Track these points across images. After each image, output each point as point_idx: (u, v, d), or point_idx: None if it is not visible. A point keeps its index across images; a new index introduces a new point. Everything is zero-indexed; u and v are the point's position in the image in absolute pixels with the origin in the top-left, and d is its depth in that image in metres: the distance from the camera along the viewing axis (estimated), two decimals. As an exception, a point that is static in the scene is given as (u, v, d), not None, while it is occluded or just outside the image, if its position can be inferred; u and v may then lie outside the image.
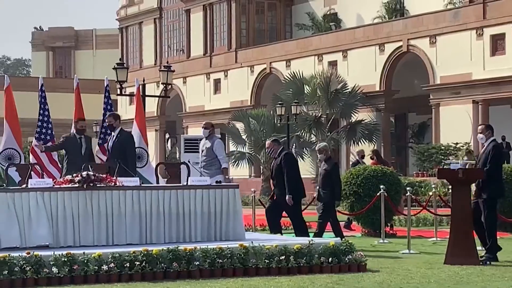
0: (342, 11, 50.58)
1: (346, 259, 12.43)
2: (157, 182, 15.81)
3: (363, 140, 41.24)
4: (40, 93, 18.28)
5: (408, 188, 16.96)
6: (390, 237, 18.72)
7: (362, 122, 41.83)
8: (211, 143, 16.65)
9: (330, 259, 12.33)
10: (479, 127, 14.30)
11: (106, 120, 16.43)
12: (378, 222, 18.42)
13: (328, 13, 51.21)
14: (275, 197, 15.78)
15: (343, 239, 13.85)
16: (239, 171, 44.44)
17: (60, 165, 17.66)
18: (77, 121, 16.65)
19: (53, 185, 12.82)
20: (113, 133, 16.04)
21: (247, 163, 44.67)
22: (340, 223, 17.27)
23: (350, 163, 24.59)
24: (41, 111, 18.11)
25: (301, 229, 15.43)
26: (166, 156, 58.74)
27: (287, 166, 15.48)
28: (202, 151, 16.70)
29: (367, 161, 23.62)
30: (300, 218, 15.62)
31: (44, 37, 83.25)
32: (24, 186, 13.05)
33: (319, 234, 16.02)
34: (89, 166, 14.31)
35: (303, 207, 20.24)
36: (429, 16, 41.05)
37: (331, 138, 42.35)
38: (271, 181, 16.86)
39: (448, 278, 11.70)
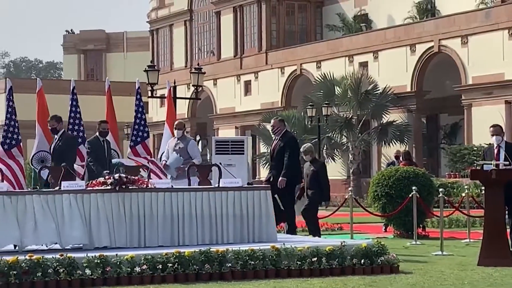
0: (373, 11, 50.44)
1: (379, 260, 12.38)
2: (189, 184, 15.81)
3: (395, 141, 41.10)
4: (71, 96, 18.36)
5: (440, 190, 16.86)
6: (423, 238, 18.62)
7: (394, 123, 41.69)
8: (185, 144, 16.31)
9: (362, 261, 12.29)
10: (495, 128, 14.23)
11: (49, 124, 15.90)
12: (410, 223, 18.32)
13: (359, 14, 51.09)
14: (271, 179, 15.51)
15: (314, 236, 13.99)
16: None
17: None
18: (100, 124, 16.60)
19: (86, 187, 12.90)
20: (56, 136, 15.61)
21: (278, 165, 44.54)
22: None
23: (386, 163, 24.29)
24: (73, 114, 18.18)
25: (291, 220, 15.36)
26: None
27: (290, 150, 15.35)
28: (174, 151, 16.25)
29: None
30: (292, 209, 15.51)
31: (76, 40, 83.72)
32: (57, 188, 13.12)
33: (316, 232, 16.06)
34: (120, 168, 14.38)
35: (334, 208, 20.26)
36: (460, 16, 40.81)
37: (362, 139, 42.25)
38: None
39: (482, 280, 11.62)
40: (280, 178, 15.09)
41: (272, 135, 16.49)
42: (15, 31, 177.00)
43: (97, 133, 16.21)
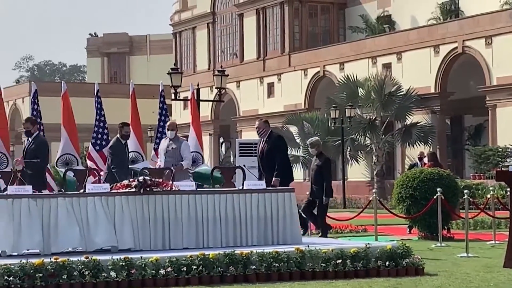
0: (396, 13, 50.30)
1: (404, 262, 12.35)
2: (213, 186, 15.84)
3: (418, 142, 40.96)
4: (96, 99, 18.46)
5: (465, 191, 16.77)
6: (448, 240, 18.53)
7: (417, 124, 41.54)
8: (178, 145, 16.17)
9: (387, 263, 12.26)
10: None
11: (23, 126, 15.51)
12: (435, 225, 18.24)
13: (382, 15, 50.96)
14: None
15: (306, 233, 13.93)
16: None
17: None
18: (122, 126, 16.49)
19: (110, 190, 12.94)
20: (29, 139, 15.22)
21: (301, 167, 44.60)
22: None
23: (408, 164, 24.15)
24: (97, 117, 18.28)
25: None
26: (220, 160, 58.91)
27: (279, 149, 15.28)
28: (167, 152, 16.11)
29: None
30: None
31: (99, 43, 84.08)
32: (81, 191, 13.18)
33: (324, 232, 16.02)
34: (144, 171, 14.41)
35: (358, 210, 20.20)
36: (484, 17, 40.61)
37: (385, 141, 42.12)
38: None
39: (508, 281, 11.55)
40: (274, 179, 14.97)
41: (258, 137, 16.30)
42: (39, 35, 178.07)
43: (119, 136, 16.11)
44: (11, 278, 10.82)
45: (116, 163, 15.77)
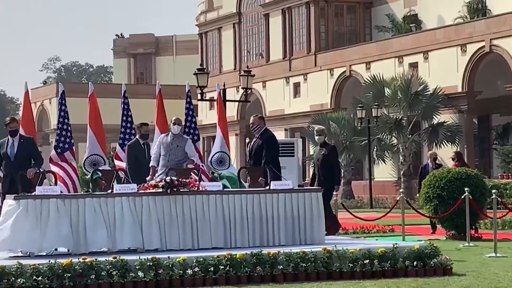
0: (422, 12, 50.09)
1: (432, 262, 12.29)
2: (240, 187, 15.83)
3: (446, 142, 40.77)
4: (123, 100, 18.50)
5: (493, 191, 16.67)
6: (475, 240, 18.42)
7: (444, 124, 41.35)
8: (183, 143, 15.33)
9: (415, 263, 12.21)
10: None
11: (11, 126, 14.53)
12: (462, 225, 18.14)
13: (408, 14, 50.76)
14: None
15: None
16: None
17: None
18: (141, 126, 16.46)
19: (138, 190, 12.99)
20: (12, 139, 14.42)
21: (327, 167, 44.48)
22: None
23: (420, 167, 23.63)
24: (124, 117, 18.32)
25: None
26: (247, 160, 58.95)
27: (270, 147, 15.04)
28: (171, 150, 15.18)
29: (449, 162, 23.24)
30: None
31: (125, 44, 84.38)
32: (109, 191, 13.24)
33: (336, 226, 15.91)
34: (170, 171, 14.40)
35: (385, 210, 20.13)
36: (512, 15, 40.36)
37: (412, 140, 41.96)
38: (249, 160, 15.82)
39: (537, 282, 11.46)
40: (260, 179, 14.76)
41: (253, 133, 15.85)
42: (66, 36, 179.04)
43: (138, 136, 16.11)
44: (39, 278, 10.89)
45: (130, 162, 15.74)
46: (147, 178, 14.61)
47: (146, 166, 15.39)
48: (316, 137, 16.64)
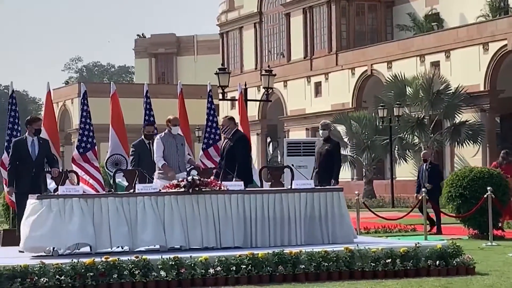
0: (444, 10, 49.88)
1: (454, 262, 12.26)
2: (261, 186, 15.82)
3: (468, 141, 40.60)
4: (145, 100, 18.55)
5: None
6: (498, 239, 18.33)
7: (467, 123, 41.16)
8: (184, 142, 14.93)
9: (437, 262, 12.17)
10: None
11: (38, 124, 14.49)
12: (485, 224, 18.08)
13: (430, 13, 50.57)
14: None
15: None
16: (341, 174, 44.22)
17: None
18: (146, 126, 16.35)
19: (160, 190, 13.03)
20: (32, 139, 14.39)
21: (349, 166, 44.49)
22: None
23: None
24: (146, 117, 18.36)
25: None
26: (268, 159, 58.95)
27: (243, 150, 14.87)
28: (177, 149, 14.66)
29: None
30: None
31: (147, 44, 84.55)
32: (131, 191, 13.28)
33: None
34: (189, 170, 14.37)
35: (407, 210, 20.06)
36: (534, 14, 40.12)
37: (434, 139, 41.81)
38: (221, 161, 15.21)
39: (561, 281, 11.39)
40: (234, 180, 14.53)
41: (222, 135, 15.50)
42: (88, 36, 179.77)
43: (142, 136, 15.98)
44: (62, 278, 10.95)
45: (134, 162, 15.61)
46: (157, 175, 14.39)
47: (151, 166, 14.95)
48: (321, 131, 16.52)
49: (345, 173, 45.01)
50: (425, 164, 21.76)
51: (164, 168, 14.27)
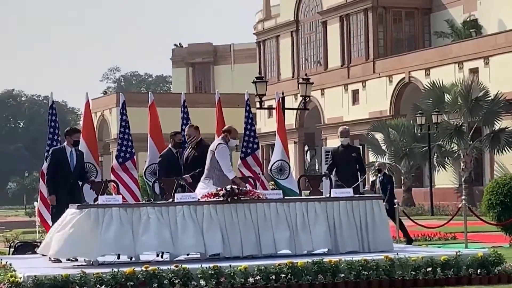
0: (482, 17, 49.51)
1: (496, 270, 12.14)
2: (300, 194, 15.80)
3: (507, 148, 40.24)
4: (182, 109, 18.58)
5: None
6: (540, 247, 18.12)
7: (506, 129, 40.78)
8: (209, 153, 14.01)
9: (478, 271, 12.06)
10: None
11: (77, 136, 14.63)
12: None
13: (468, 19, 50.21)
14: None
15: None
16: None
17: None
18: (175, 135, 16.23)
19: (199, 199, 13.06)
20: (70, 149, 14.44)
21: (387, 174, 44.23)
22: None
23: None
24: (184, 127, 18.38)
25: None
26: (305, 168, 58.84)
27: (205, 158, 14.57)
28: (209, 159, 13.85)
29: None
30: None
31: (184, 54, 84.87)
32: (170, 200, 13.33)
33: None
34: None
35: (447, 218, 19.89)
36: None
37: (473, 146, 41.48)
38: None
39: None
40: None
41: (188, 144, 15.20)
42: (126, 47, 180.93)
43: (171, 145, 15.89)
44: (103, 287, 10.99)
45: (161, 172, 15.52)
46: (201, 185, 13.73)
47: (180, 176, 14.74)
48: (342, 139, 16.33)
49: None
50: (379, 175, 21.38)
51: (236, 180, 13.61)
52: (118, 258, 12.89)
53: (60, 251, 12.55)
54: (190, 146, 15.15)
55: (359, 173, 16.23)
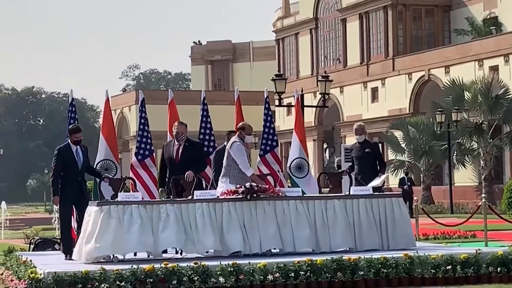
0: (503, 14, 49.26)
1: (516, 268, 12.08)
2: (320, 192, 15.76)
3: (528, 146, 40.05)
4: (202, 106, 18.57)
5: None
6: (561, 246, 18.00)
7: (527, 127, 40.60)
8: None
9: (499, 269, 12.01)
10: None
11: (79, 135, 14.32)
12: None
13: (488, 17, 49.99)
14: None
15: None
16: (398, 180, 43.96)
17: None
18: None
19: (218, 197, 13.07)
20: (76, 147, 14.26)
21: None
22: None
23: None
24: (203, 124, 18.38)
25: None
26: (324, 165, 58.77)
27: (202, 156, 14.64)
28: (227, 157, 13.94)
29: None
30: None
31: (203, 51, 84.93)
32: (189, 197, 13.34)
33: None
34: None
35: (466, 216, 19.81)
36: None
37: (493, 144, 41.30)
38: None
39: None
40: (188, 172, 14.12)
41: (177, 142, 14.96)
42: (145, 44, 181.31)
43: (225, 143, 15.97)
44: (122, 284, 11.03)
45: (217, 169, 15.61)
46: (220, 184, 13.77)
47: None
48: (357, 136, 15.94)
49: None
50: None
51: (254, 178, 13.51)
52: (135, 255, 12.92)
53: (92, 253, 12.49)
54: (180, 143, 14.97)
55: (379, 169, 15.96)
